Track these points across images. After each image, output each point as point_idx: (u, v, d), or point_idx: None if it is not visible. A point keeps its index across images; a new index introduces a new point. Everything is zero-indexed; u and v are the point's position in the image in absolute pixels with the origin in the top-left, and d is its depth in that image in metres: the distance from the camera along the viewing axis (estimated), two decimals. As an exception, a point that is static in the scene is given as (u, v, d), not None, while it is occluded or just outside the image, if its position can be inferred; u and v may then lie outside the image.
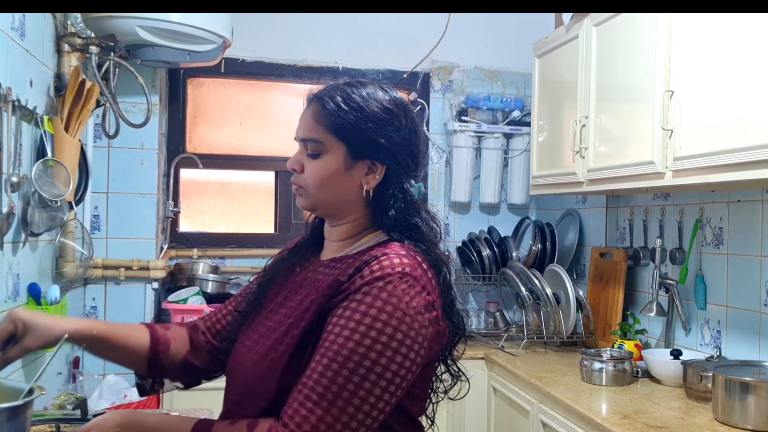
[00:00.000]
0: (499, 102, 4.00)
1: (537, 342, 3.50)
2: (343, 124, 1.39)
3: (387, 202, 1.41)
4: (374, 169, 1.41)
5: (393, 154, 1.41)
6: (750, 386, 2.18)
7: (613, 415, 2.37)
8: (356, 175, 1.41)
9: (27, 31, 2.46)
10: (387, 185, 1.42)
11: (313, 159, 1.41)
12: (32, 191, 2.46)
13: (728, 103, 2.16)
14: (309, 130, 1.42)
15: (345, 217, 1.45)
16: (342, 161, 1.40)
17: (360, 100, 1.40)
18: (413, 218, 1.42)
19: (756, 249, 2.62)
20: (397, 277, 1.29)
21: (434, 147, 4.05)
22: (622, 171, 2.73)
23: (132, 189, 3.52)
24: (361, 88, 1.43)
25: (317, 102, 1.42)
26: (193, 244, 3.77)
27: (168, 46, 2.96)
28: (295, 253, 1.58)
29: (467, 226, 4.08)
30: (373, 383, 1.23)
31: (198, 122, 3.88)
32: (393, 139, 1.41)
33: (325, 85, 1.47)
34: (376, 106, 1.41)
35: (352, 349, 1.23)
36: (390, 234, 1.41)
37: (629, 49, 2.72)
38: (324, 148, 1.40)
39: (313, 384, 1.23)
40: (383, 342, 1.24)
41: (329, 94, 1.42)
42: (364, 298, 1.27)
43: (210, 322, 1.66)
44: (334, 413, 1.21)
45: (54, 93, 2.79)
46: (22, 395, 1.38)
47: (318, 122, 1.40)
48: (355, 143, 1.39)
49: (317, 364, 1.25)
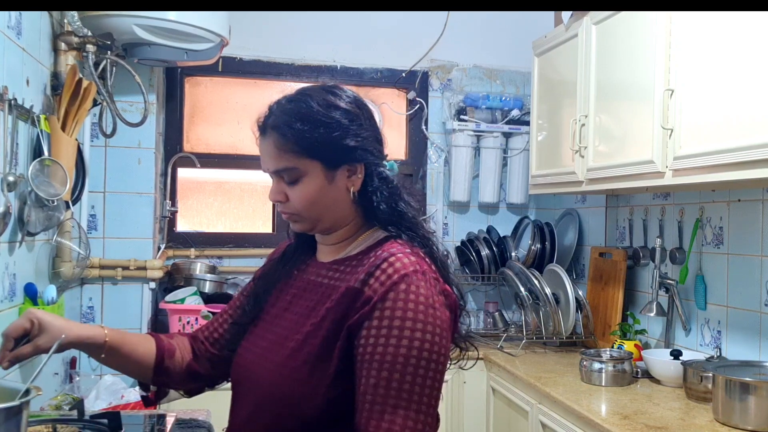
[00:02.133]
0: (498, 101, 3.99)
1: (536, 342, 3.49)
2: (311, 145, 1.38)
3: (373, 196, 1.44)
4: (354, 170, 1.43)
5: (364, 148, 1.42)
6: (750, 387, 2.17)
7: (612, 415, 2.36)
8: (340, 183, 1.42)
9: (23, 29, 2.44)
10: (368, 179, 1.44)
11: (293, 185, 1.41)
12: (29, 191, 2.45)
13: (729, 101, 2.15)
14: (278, 161, 1.40)
15: (341, 224, 1.47)
16: (322, 177, 1.40)
17: (317, 114, 1.39)
18: (398, 205, 1.45)
19: (756, 248, 2.61)
20: (413, 276, 1.32)
21: (433, 146, 4.04)
22: (621, 170, 2.72)
23: (129, 188, 3.51)
24: (310, 100, 1.41)
25: (274, 131, 1.40)
26: (190, 244, 3.76)
27: (165, 44, 2.95)
28: (287, 258, 1.59)
29: (466, 226, 4.07)
30: (431, 379, 1.28)
31: (195, 121, 3.87)
32: (359, 135, 1.42)
33: (267, 108, 1.45)
34: (335, 113, 1.40)
35: (404, 355, 1.26)
36: (386, 230, 1.45)
37: (629, 47, 2.71)
38: (300, 173, 1.40)
39: (382, 398, 1.26)
40: (427, 339, 1.28)
41: (282, 120, 1.40)
42: (394, 305, 1.29)
43: (208, 332, 1.66)
44: (412, 417, 1.25)
45: (51, 92, 2.77)
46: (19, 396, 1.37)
47: (284, 152, 1.39)
48: (329, 156, 1.40)
49: (376, 379, 1.27)
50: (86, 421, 1.91)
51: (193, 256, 3.71)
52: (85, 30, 2.94)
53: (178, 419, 2.22)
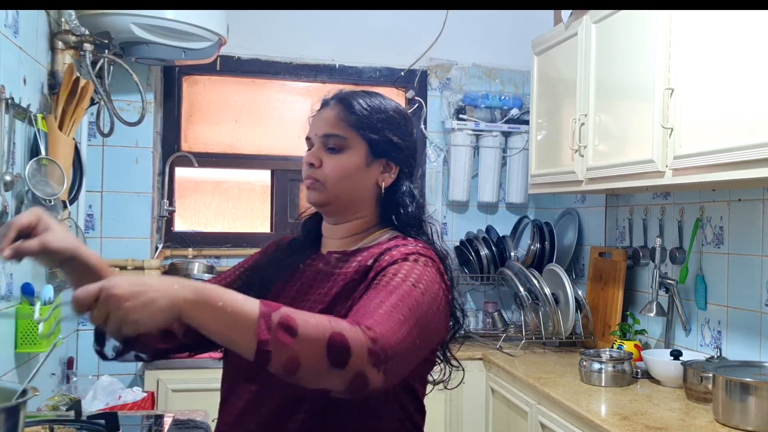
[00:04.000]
0: (498, 100, 3.98)
1: (535, 342, 3.48)
2: (367, 123, 1.50)
3: (400, 201, 1.52)
4: (389, 169, 1.52)
5: (405, 155, 1.54)
6: (751, 387, 2.16)
7: (612, 416, 2.36)
8: (374, 172, 1.51)
9: (20, 28, 2.43)
10: (398, 185, 1.53)
11: (334, 154, 1.49)
12: (26, 190, 2.44)
13: (729, 100, 2.14)
14: (333, 127, 1.49)
15: (355, 213, 1.52)
16: (363, 158, 1.49)
17: (379, 105, 1.53)
18: (421, 219, 1.53)
19: (757, 248, 2.60)
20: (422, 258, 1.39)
21: (432, 145, 4.03)
22: (621, 170, 2.71)
23: (126, 188, 3.50)
24: (374, 96, 1.55)
25: (340, 103, 1.51)
26: (188, 244, 3.74)
27: (163, 43, 2.94)
28: (293, 251, 1.61)
29: (465, 226, 4.06)
30: (433, 312, 1.32)
31: (193, 120, 3.86)
32: (406, 141, 1.55)
33: (336, 92, 1.56)
34: (392, 111, 1.54)
35: (407, 288, 1.30)
36: (402, 231, 1.51)
37: (629, 46, 2.70)
38: (347, 144, 1.49)
39: (377, 306, 1.25)
40: (428, 288, 1.33)
41: (351, 96, 1.53)
42: (398, 268, 1.35)
43: None
44: (406, 327, 1.24)
45: (48, 91, 2.76)
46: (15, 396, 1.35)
47: (343, 120, 1.49)
48: (376, 142, 1.50)
49: (376, 296, 1.28)
50: (83, 421, 1.91)
51: (191, 256, 3.70)
52: (82, 29, 2.93)
53: (175, 420, 2.21)
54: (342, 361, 1.12)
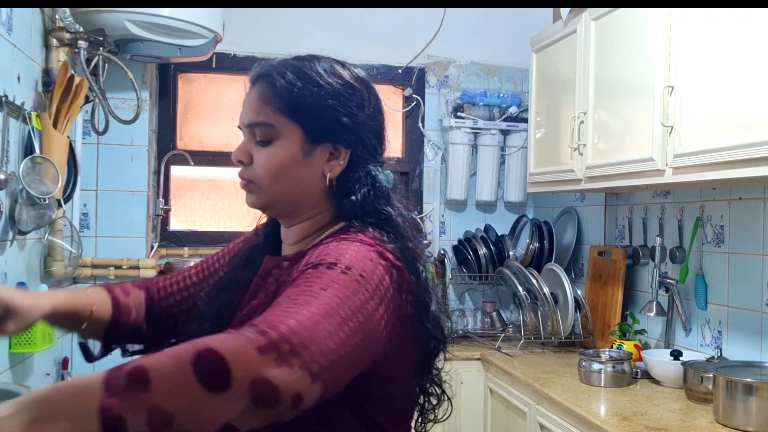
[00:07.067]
0: (496, 98, 3.96)
1: (534, 342, 3.46)
2: (297, 103, 1.21)
3: (353, 189, 1.23)
4: (337, 154, 1.23)
5: (357, 135, 1.24)
6: (752, 387, 2.15)
7: (611, 416, 2.34)
8: (316, 162, 1.23)
9: (14, 25, 2.41)
10: (352, 172, 1.24)
11: (263, 147, 1.23)
12: (20, 189, 2.43)
13: (730, 98, 2.13)
14: (256, 113, 1.23)
15: (304, 213, 1.27)
16: (298, 146, 1.22)
17: (316, 75, 1.23)
18: (383, 208, 1.24)
19: (758, 247, 2.58)
20: (353, 241, 1.15)
21: (429, 144, 4.01)
22: (621, 168, 2.70)
23: (122, 186, 3.48)
24: (316, 62, 1.26)
25: (264, 80, 1.24)
26: (183, 243, 3.72)
27: (158, 40, 2.94)
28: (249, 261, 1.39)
29: (463, 225, 4.04)
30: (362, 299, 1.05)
31: (189, 118, 3.83)
32: (357, 117, 1.24)
33: (273, 61, 1.28)
34: (335, 81, 1.24)
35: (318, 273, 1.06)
36: (352, 222, 1.23)
37: (628, 43, 2.69)
38: (275, 133, 1.22)
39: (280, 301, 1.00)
40: (354, 270, 1.07)
41: (278, 70, 1.24)
42: (324, 248, 1.13)
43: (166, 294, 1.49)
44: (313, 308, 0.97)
45: (42, 89, 2.74)
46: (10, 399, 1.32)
47: (266, 103, 1.22)
48: (313, 124, 1.21)
49: (283, 297, 1.02)
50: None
51: (187, 255, 3.67)
52: (76, 26, 2.90)
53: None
54: (222, 378, 0.85)
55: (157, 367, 0.85)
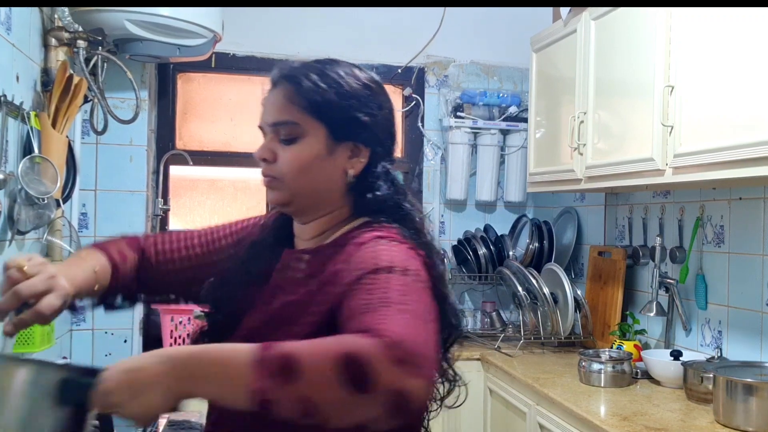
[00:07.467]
0: (496, 97, 3.96)
1: (534, 342, 3.45)
2: (322, 103, 1.27)
3: (373, 186, 1.30)
4: (358, 152, 1.30)
5: (376, 134, 1.31)
6: (752, 388, 2.15)
7: (611, 417, 2.34)
8: (339, 159, 1.29)
9: (13, 25, 2.41)
10: (372, 169, 1.31)
11: (289, 145, 1.28)
12: (19, 188, 2.42)
13: (730, 98, 2.12)
14: (282, 113, 1.29)
15: (323, 209, 1.32)
16: (323, 144, 1.28)
17: (337, 77, 1.29)
18: (402, 205, 1.31)
19: (758, 247, 2.58)
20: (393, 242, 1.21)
21: (429, 143, 4.01)
22: (621, 168, 2.69)
23: (121, 186, 3.48)
24: (335, 65, 1.32)
25: (288, 82, 1.29)
26: (184, 243, 3.71)
27: (157, 40, 2.93)
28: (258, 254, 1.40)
29: (463, 225, 4.04)
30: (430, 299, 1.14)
31: (188, 118, 3.83)
32: (376, 117, 1.31)
33: (283, 67, 1.33)
34: (355, 83, 1.31)
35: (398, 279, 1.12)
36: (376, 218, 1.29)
37: (628, 43, 2.68)
38: (301, 131, 1.27)
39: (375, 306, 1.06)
40: (419, 275, 1.15)
41: (302, 71, 1.29)
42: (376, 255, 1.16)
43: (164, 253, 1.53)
44: (419, 319, 1.06)
45: (41, 88, 2.74)
46: None
47: (292, 103, 1.28)
48: (337, 123, 1.28)
49: (367, 301, 1.08)
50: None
51: (187, 255, 3.66)
52: (75, 25, 2.91)
53: (170, 421, 2.20)
54: (365, 383, 0.93)
55: (309, 360, 0.95)
